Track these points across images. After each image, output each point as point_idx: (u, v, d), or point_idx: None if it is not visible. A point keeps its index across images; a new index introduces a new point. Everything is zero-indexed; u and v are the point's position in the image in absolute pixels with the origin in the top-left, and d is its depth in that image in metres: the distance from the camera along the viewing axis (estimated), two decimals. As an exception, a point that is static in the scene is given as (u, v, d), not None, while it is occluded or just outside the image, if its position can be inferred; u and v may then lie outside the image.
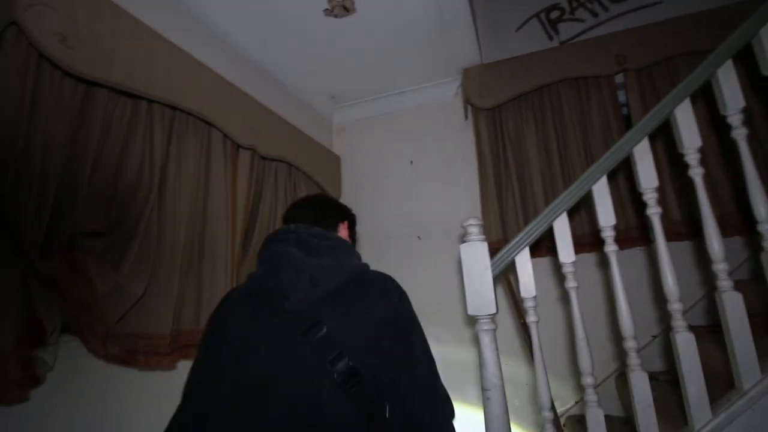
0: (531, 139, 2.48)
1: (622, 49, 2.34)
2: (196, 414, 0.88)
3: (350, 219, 1.19)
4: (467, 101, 2.61)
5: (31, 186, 1.12)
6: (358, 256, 1.03)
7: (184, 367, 1.53)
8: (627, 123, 2.42)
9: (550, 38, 2.68)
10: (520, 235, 1.40)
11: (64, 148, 1.22)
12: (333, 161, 2.79)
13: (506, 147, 2.53)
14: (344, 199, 2.94)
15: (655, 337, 2.18)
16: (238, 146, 1.85)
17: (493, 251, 1.39)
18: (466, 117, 2.76)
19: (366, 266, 1.01)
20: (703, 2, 2.28)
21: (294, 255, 0.93)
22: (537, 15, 2.70)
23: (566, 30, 2.64)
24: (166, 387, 1.52)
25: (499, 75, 2.55)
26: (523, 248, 1.40)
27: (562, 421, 2.16)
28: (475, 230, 1.40)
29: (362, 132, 3.03)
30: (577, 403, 2.23)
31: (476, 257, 1.37)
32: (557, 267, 2.33)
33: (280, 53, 2.30)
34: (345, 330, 0.86)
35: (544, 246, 2.33)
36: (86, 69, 1.19)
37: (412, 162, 2.88)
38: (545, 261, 2.38)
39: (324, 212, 1.10)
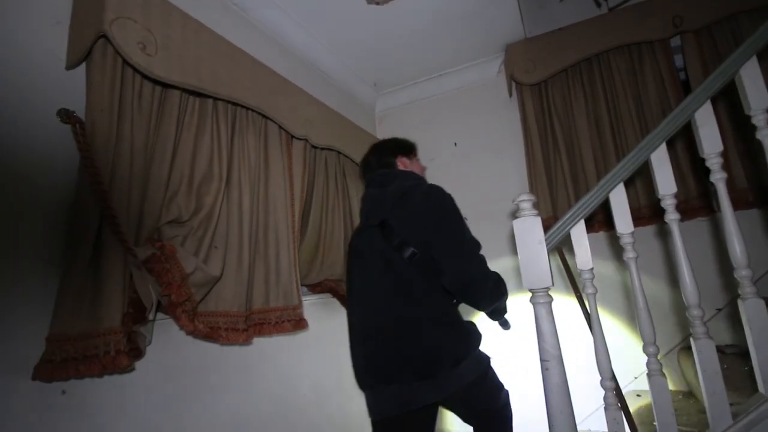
0: (580, 113, 2.42)
1: (678, 10, 2.22)
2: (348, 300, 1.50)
3: (404, 149, 1.60)
4: (512, 78, 2.58)
5: (123, 183, 1.27)
6: (413, 177, 1.50)
7: (259, 342, 1.68)
8: (685, 88, 2.30)
9: (598, 5, 2.58)
10: (575, 207, 1.40)
11: (146, 146, 1.36)
12: (378, 147, 2.86)
13: (554, 122, 2.48)
14: (390, 184, 3.01)
15: (719, 309, 2.09)
16: (292, 137, 1.95)
17: (544, 229, 1.40)
18: (511, 94, 2.73)
19: (417, 183, 1.45)
20: (770, -49, 2.10)
21: (372, 192, 1.48)
22: (583, -18, 2.60)
23: (615, -5, 2.52)
24: (245, 360, 1.67)
25: (544, 48, 2.49)
26: (578, 221, 1.40)
27: (622, 396, 2.14)
28: (527, 205, 1.41)
29: (405, 117, 3.07)
30: (636, 378, 2.20)
31: (530, 232, 1.39)
32: (611, 241, 2.29)
33: (326, 46, 2.39)
34: (402, 225, 1.34)
35: (596, 221, 2.29)
36: (163, 73, 1.31)
37: (456, 144, 2.89)
38: (599, 236, 2.34)
39: (382, 156, 1.58)
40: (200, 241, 1.47)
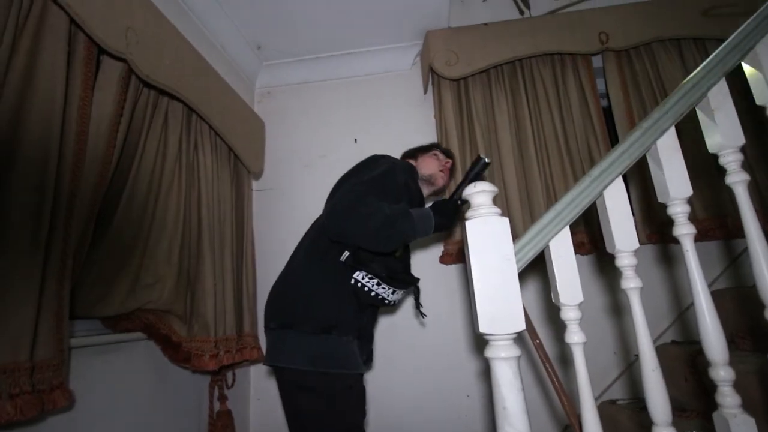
0: (503, 122, 2.09)
1: (605, 26, 2.09)
2: None
3: (409, 154, 1.73)
4: (430, 68, 2.15)
5: None
6: (385, 159, 1.41)
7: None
8: (606, 115, 2.15)
9: (521, 13, 2.37)
10: (557, 208, 0.92)
11: None
12: (255, 125, 2.11)
13: (474, 127, 2.10)
14: (267, 179, 2.28)
15: (637, 356, 1.86)
16: (101, 50, 1.12)
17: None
18: (426, 91, 2.31)
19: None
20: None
21: None
22: (507, -15, 2.37)
23: (540, 5, 2.34)
24: None
25: (469, 41, 2.14)
26: (562, 228, 0.92)
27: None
28: (485, 200, 0.88)
29: (295, 99, 2.41)
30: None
31: (492, 241, 0.85)
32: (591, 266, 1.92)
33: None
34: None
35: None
36: None
37: (356, 140, 2.33)
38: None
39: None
40: None
